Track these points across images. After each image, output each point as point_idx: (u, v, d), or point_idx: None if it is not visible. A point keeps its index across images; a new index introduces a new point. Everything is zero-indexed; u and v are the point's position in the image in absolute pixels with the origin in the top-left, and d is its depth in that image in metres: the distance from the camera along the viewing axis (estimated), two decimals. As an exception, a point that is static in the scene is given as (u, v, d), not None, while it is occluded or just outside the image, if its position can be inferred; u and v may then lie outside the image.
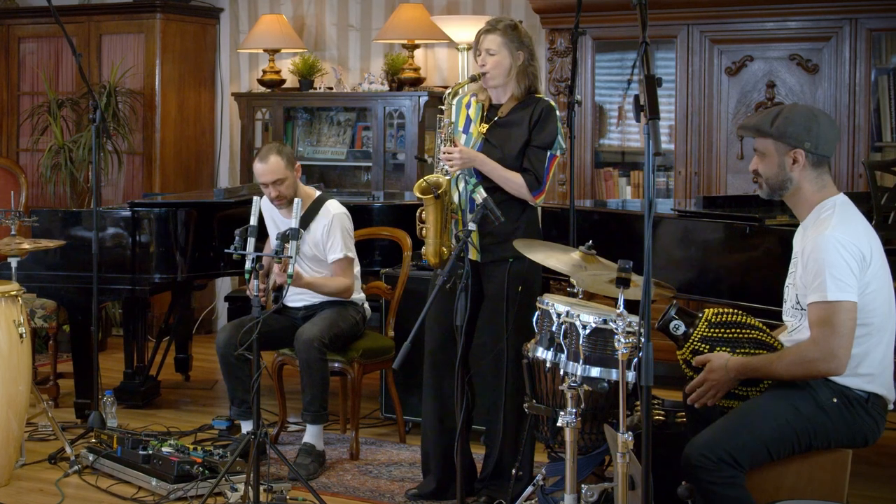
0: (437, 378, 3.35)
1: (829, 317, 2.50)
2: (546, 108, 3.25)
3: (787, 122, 2.64)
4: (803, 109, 2.72)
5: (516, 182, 3.24)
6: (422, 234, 3.27)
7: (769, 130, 2.65)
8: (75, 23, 5.84)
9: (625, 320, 2.53)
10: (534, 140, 3.25)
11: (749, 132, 2.72)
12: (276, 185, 3.80)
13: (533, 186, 3.23)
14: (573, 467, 2.68)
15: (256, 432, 3.19)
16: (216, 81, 6.17)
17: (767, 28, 4.69)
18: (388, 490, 3.57)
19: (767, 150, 2.68)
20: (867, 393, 2.58)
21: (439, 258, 3.24)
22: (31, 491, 3.53)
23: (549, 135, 3.24)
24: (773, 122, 2.65)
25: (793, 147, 2.64)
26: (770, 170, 2.68)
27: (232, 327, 3.90)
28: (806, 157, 2.64)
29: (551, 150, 3.25)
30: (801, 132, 2.64)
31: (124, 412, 4.38)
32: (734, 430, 2.54)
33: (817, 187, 2.67)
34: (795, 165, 2.65)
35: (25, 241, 3.79)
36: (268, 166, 3.78)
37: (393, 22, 5.42)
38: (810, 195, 2.67)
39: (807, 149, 2.64)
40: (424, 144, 5.45)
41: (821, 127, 2.66)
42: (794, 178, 2.66)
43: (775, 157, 2.66)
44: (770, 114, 2.69)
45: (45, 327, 4.64)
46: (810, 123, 2.65)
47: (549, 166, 3.25)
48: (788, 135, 2.64)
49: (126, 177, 5.89)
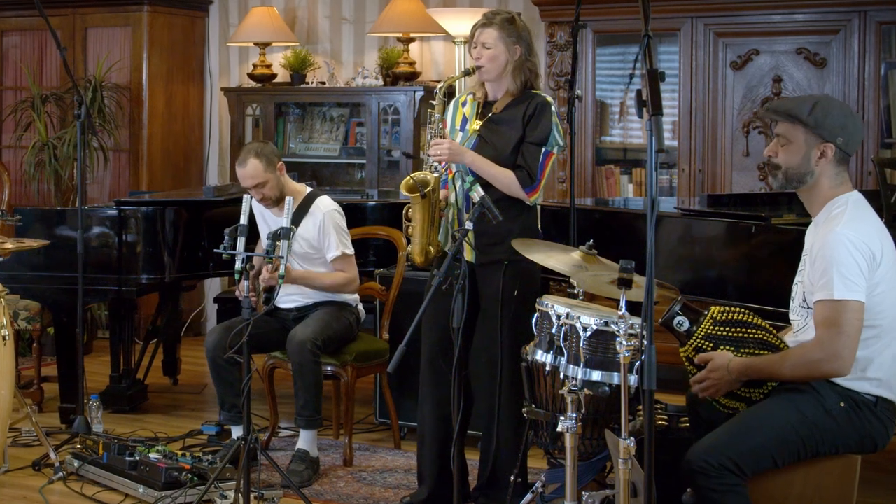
0: (434, 383, 3.32)
1: (835, 316, 2.48)
2: (541, 104, 3.21)
3: (825, 113, 2.59)
4: (838, 103, 2.69)
5: (507, 178, 3.19)
6: (408, 233, 3.25)
7: (805, 119, 2.59)
8: (60, 15, 5.82)
9: (627, 322, 2.51)
10: (528, 136, 3.21)
11: (780, 116, 2.64)
12: (258, 189, 3.79)
13: (525, 183, 3.18)
14: (573, 474, 2.66)
15: (247, 438, 3.18)
16: (205, 76, 6.17)
17: (774, 21, 4.69)
18: (382, 497, 3.55)
19: (795, 138, 2.61)
20: (875, 396, 2.55)
21: (424, 257, 3.23)
22: (14, 498, 3.52)
23: (543, 131, 3.19)
24: (810, 110, 2.58)
25: (825, 140, 2.59)
26: (793, 159, 2.62)
27: (221, 329, 3.87)
28: (834, 152, 2.59)
29: (546, 146, 3.21)
30: (837, 127, 2.59)
31: (110, 417, 4.35)
32: (738, 437, 2.52)
33: (835, 183, 2.62)
34: (822, 160, 2.60)
35: (8, 241, 3.77)
36: (246, 171, 3.79)
37: (387, 14, 5.41)
38: (826, 190, 2.62)
39: (838, 144, 2.59)
40: (420, 141, 5.44)
41: (855, 124, 2.63)
42: (815, 172, 2.61)
43: (803, 147, 2.60)
44: (805, 101, 2.63)
45: (29, 329, 4.63)
46: (846, 119, 2.61)
47: (543, 163, 3.20)
48: (824, 127, 2.58)
49: (112, 174, 5.89)
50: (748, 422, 2.54)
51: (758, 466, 2.50)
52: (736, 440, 2.50)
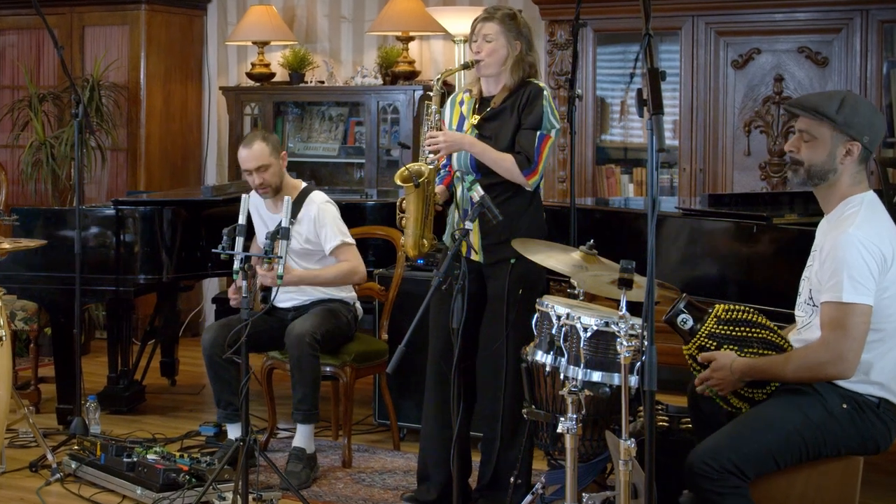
0: (440, 386, 3.30)
1: (842, 318, 2.47)
2: (534, 90, 3.22)
3: (853, 111, 2.57)
4: (865, 100, 2.68)
5: (507, 162, 3.19)
6: (402, 224, 3.25)
7: (834, 116, 2.56)
8: (57, 14, 5.81)
9: (627, 322, 2.51)
10: (523, 123, 3.21)
11: (807, 112, 2.61)
12: (259, 172, 3.78)
13: (523, 166, 3.18)
14: (574, 475, 2.66)
15: (245, 439, 3.17)
16: (203, 75, 6.15)
17: (775, 19, 4.68)
18: (381, 499, 3.54)
19: (822, 135, 2.58)
20: (878, 398, 2.55)
21: (418, 250, 3.23)
22: (11, 500, 3.52)
23: (537, 115, 3.20)
24: (839, 107, 2.56)
25: (852, 139, 2.57)
26: (818, 156, 2.59)
27: (218, 327, 3.86)
28: (860, 151, 2.57)
29: (541, 129, 3.20)
30: (865, 125, 2.57)
31: (108, 418, 4.34)
32: (740, 439, 2.51)
33: (854, 182, 2.61)
34: (847, 157, 2.58)
35: (6, 241, 3.76)
36: (251, 152, 3.77)
37: (387, 13, 5.40)
38: (844, 188, 2.61)
39: (864, 143, 2.57)
40: (419, 140, 5.37)
41: (881, 122, 2.62)
42: (838, 170, 2.59)
43: (828, 144, 2.58)
44: (832, 98, 2.60)
45: (26, 330, 4.62)
46: (874, 118, 2.60)
47: (540, 146, 3.20)
48: (853, 125, 2.56)
49: (110, 174, 5.88)
50: (750, 424, 2.53)
51: (760, 469, 2.49)
52: (738, 443, 2.49)
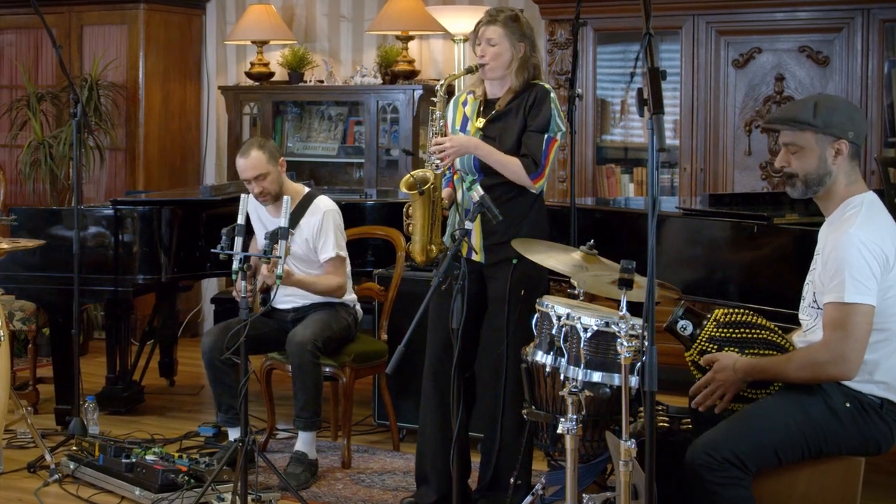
0: (439, 387, 3.30)
1: (844, 319, 2.46)
2: (540, 92, 3.21)
3: (830, 111, 2.57)
4: (838, 98, 2.75)
5: (514, 165, 3.19)
6: (408, 230, 3.25)
7: (813, 122, 2.57)
8: (55, 13, 5.81)
9: (627, 323, 2.50)
10: (529, 125, 3.21)
11: (784, 125, 2.63)
12: (258, 181, 3.77)
13: (530, 169, 3.18)
14: (574, 476, 2.65)
15: (244, 440, 3.17)
16: (202, 74, 6.15)
17: (776, 19, 4.68)
18: (380, 499, 3.53)
19: (806, 143, 2.59)
20: (881, 399, 2.54)
21: (426, 256, 3.22)
22: (9, 501, 3.51)
23: (544, 117, 3.19)
24: (814, 112, 2.57)
25: (837, 138, 2.57)
26: (809, 165, 2.60)
27: (218, 331, 3.85)
28: (849, 148, 2.58)
29: (548, 132, 3.20)
30: (846, 121, 2.57)
31: (106, 419, 4.33)
32: (741, 432, 2.51)
33: (850, 181, 2.61)
34: (838, 157, 2.58)
35: (4, 241, 3.77)
36: (249, 161, 3.76)
37: (386, 12, 5.40)
38: (841, 189, 2.61)
39: (850, 139, 2.57)
40: (419, 140, 5.41)
41: (859, 114, 2.63)
42: (833, 172, 2.59)
43: (816, 150, 2.58)
44: (804, 105, 2.62)
45: (25, 330, 4.60)
46: (852, 112, 2.60)
47: (547, 149, 3.20)
48: (834, 124, 2.57)
49: (108, 174, 5.87)
50: (753, 418, 2.52)
51: (761, 462, 2.48)
52: (740, 436, 2.48)
